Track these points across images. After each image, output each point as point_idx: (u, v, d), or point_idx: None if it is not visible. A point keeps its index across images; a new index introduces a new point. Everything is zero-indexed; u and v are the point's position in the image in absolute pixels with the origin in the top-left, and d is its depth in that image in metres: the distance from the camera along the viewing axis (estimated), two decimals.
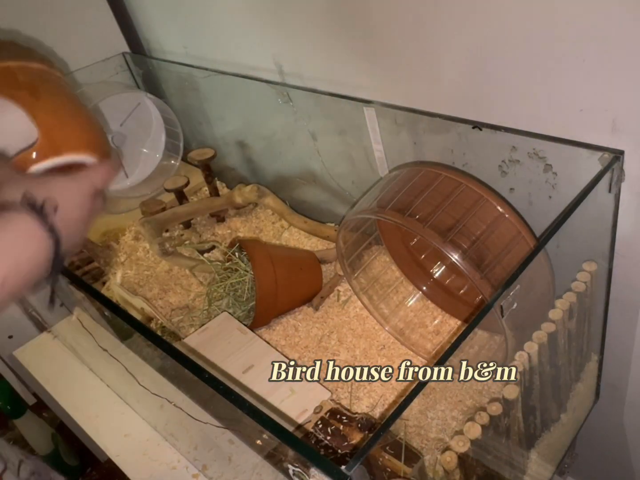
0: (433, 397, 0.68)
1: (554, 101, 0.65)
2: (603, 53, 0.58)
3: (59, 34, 1.15)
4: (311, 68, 0.92)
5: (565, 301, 0.66)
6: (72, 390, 0.92)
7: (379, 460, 0.55)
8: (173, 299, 0.96)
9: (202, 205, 1.10)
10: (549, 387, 0.70)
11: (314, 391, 0.72)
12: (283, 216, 1.08)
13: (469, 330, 0.48)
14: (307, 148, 1.01)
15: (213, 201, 1.11)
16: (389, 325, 0.83)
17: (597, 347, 0.81)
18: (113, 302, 0.62)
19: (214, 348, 0.79)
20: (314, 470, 0.43)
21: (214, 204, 1.10)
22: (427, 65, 0.74)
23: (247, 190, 1.08)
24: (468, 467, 0.57)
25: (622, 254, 0.70)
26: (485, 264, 0.61)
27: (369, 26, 0.77)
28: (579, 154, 0.64)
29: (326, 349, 0.82)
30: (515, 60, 0.65)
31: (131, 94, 1.19)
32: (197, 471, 0.76)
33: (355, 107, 0.84)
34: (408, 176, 0.68)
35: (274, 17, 0.91)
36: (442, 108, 0.76)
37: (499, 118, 0.71)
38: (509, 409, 0.60)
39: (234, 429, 0.65)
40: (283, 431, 0.43)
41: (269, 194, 1.09)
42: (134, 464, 0.79)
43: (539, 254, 0.56)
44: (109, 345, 0.81)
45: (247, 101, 1.08)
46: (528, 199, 0.73)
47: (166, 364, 0.66)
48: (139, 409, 0.86)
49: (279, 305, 0.86)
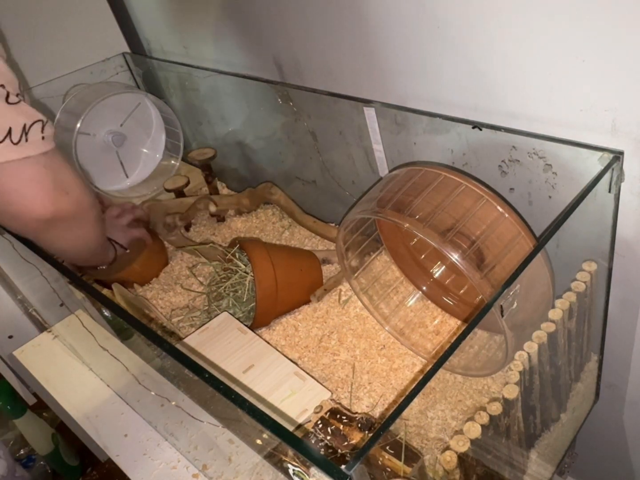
0: (433, 397, 0.68)
1: (554, 101, 0.65)
2: (603, 53, 0.58)
3: (59, 34, 1.15)
4: (311, 68, 0.92)
5: (565, 301, 0.66)
6: (72, 390, 0.92)
7: (379, 460, 0.55)
8: (173, 299, 0.96)
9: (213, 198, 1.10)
10: (549, 387, 0.70)
11: (314, 391, 0.72)
12: (293, 215, 1.08)
13: (469, 330, 0.48)
14: (307, 148, 1.02)
15: (221, 198, 1.11)
16: (389, 325, 0.83)
17: (597, 347, 0.81)
18: (113, 302, 0.62)
19: (214, 348, 0.79)
20: (314, 470, 0.43)
21: (221, 201, 1.10)
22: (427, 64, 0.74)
23: (260, 187, 1.09)
24: (468, 466, 0.57)
25: (622, 254, 0.70)
26: (485, 264, 0.61)
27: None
28: (579, 154, 0.64)
29: (326, 349, 0.83)
30: (515, 60, 0.65)
31: (131, 94, 1.19)
32: (197, 471, 0.76)
33: (355, 107, 0.84)
34: (408, 176, 0.68)
35: (274, 17, 0.91)
36: (442, 108, 0.76)
37: (499, 118, 0.71)
38: (509, 408, 0.60)
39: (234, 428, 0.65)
40: (283, 431, 0.43)
41: (281, 192, 1.09)
42: (134, 464, 0.79)
43: (539, 254, 0.56)
44: (109, 345, 0.81)
45: (247, 101, 1.08)
46: (528, 199, 0.73)
47: (166, 364, 0.66)
48: (139, 409, 0.86)
49: (279, 306, 0.86)
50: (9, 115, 0.58)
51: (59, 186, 0.65)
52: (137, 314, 0.92)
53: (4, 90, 0.58)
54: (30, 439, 1.22)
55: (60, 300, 0.93)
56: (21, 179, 0.61)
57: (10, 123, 0.58)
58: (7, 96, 0.58)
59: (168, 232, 1.05)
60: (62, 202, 0.66)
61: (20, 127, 0.59)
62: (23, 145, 0.59)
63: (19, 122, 0.59)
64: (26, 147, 0.60)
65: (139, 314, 0.92)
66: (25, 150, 0.60)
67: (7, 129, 0.58)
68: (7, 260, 0.98)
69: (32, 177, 0.61)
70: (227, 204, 1.11)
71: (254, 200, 1.11)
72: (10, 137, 0.58)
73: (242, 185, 1.18)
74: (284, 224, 1.10)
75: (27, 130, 0.59)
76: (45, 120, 0.62)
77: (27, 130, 0.59)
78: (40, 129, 0.61)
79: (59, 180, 0.65)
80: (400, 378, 0.77)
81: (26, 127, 0.59)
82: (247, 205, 1.11)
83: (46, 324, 1.05)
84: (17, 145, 0.59)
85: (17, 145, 0.59)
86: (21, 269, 0.90)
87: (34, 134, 0.60)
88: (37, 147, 0.61)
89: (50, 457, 1.26)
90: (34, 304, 1.08)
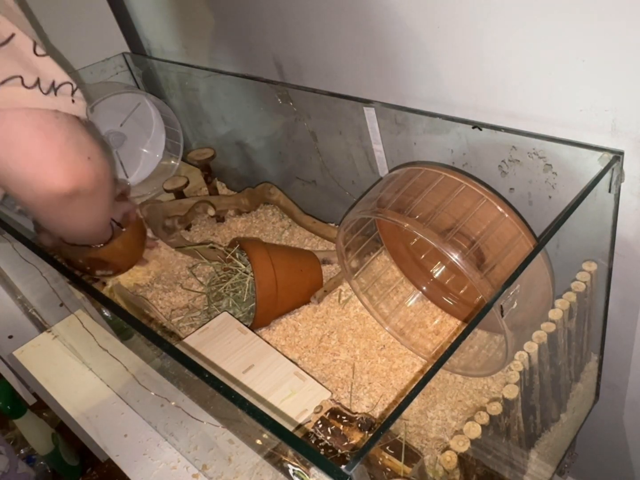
0: (433, 397, 0.68)
1: (554, 101, 0.65)
2: (603, 53, 0.58)
3: (59, 34, 1.15)
4: (311, 68, 0.92)
5: (565, 301, 0.66)
6: (72, 390, 0.92)
7: (379, 460, 0.55)
8: (173, 299, 0.96)
9: (211, 200, 1.10)
10: (549, 387, 0.70)
11: (314, 391, 0.72)
12: (292, 216, 1.08)
13: (469, 330, 0.48)
14: (307, 148, 1.02)
15: (220, 199, 1.11)
16: (389, 325, 0.83)
17: (597, 347, 0.81)
18: (113, 302, 0.62)
19: (214, 348, 0.79)
20: (314, 470, 0.43)
21: (221, 202, 1.10)
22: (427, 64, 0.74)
23: (259, 187, 1.09)
24: (468, 466, 0.57)
25: (622, 254, 0.70)
26: (485, 264, 0.61)
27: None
28: (579, 154, 0.64)
29: (326, 349, 0.83)
30: (515, 60, 0.65)
31: (131, 94, 1.19)
32: (197, 471, 0.76)
33: (355, 107, 0.84)
34: (408, 176, 0.68)
35: (274, 17, 0.91)
36: (442, 108, 0.76)
37: (499, 118, 0.71)
38: (509, 408, 0.60)
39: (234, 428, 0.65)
40: (283, 431, 0.43)
41: (280, 193, 1.09)
42: (133, 464, 0.79)
43: (539, 254, 0.56)
44: (109, 345, 0.81)
45: (247, 101, 1.08)
46: (528, 199, 0.73)
47: (166, 363, 0.66)
48: (138, 409, 0.86)
49: (279, 306, 0.86)
50: (37, 64, 0.52)
51: (84, 155, 0.57)
52: (137, 314, 0.92)
53: (31, 40, 0.52)
54: (30, 439, 1.22)
55: (60, 300, 0.93)
56: (51, 130, 0.53)
57: (38, 73, 0.52)
58: (35, 46, 0.52)
59: (167, 235, 1.05)
60: (85, 174, 0.57)
61: (49, 81, 0.53)
62: (53, 97, 0.53)
63: (47, 75, 0.53)
64: (56, 100, 0.53)
65: (139, 314, 0.92)
66: (55, 103, 0.53)
67: (36, 78, 0.52)
68: (7, 260, 0.98)
69: (65, 135, 0.54)
70: (227, 204, 1.11)
71: (253, 201, 1.11)
72: (40, 86, 0.52)
73: (242, 185, 1.18)
74: (284, 224, 1.10)
75: (56, 86, 0.53)
76: (75, 85, 0.56)
77: (57, 87, 0.53)
78: (70, 91, 0.55)
79: (86, 150, 0.57)
80: (400, 378, 0.77)
81: (55, 83, 0.53)
82: (246, 205, 1.11)
83: (46, 324, 1.05)
84: (47, 95, 0.52)
85: (47, 95, 0.52)
86: (21, 269, 0.90)
87: (63, 91, 0.54)
88: (68, 107, 0.54)
89: (50, 457, 1.26)
90: (34, 304, 1.08)
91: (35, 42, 0.53)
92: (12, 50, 0.51)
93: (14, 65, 0.50)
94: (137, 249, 0.94)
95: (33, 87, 0.51)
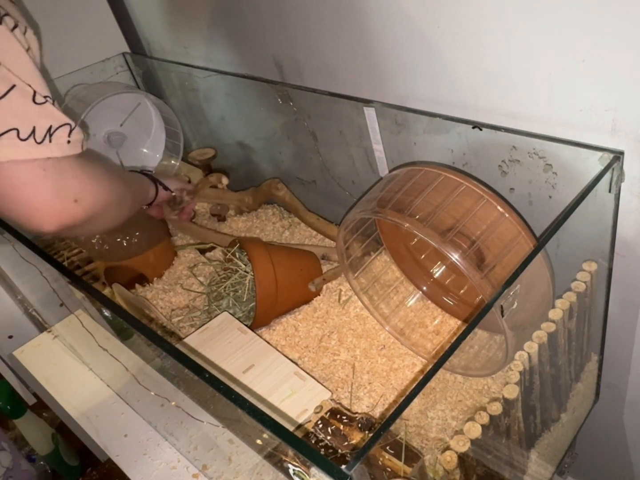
0: (433, 397, 0.68)
1: (554, 101, 0.65)
2: (603, 53, 0.58)
3: (59, 34, 1.15)
4: (311, 68, 0.92)
5: (565, 301, 0.66)
6: (72, 390, 0.92)
7: (379, 460, 0.55)
8: (173, 299, 0.96)
9: (213, 193, 1.11)
10: (549, 386, 0.70)
11: (314, 391, 0.72)
12: (297, 212, 1.08)
13: (469, 330, 0.48)
14: (307, 148, 1.02)
15: (225, 192, 1.11)
16: (389, 325, 0.83)
17: (597, 347, 0.81)
18: (113, 302, 0.62)
19: (214, 348, 0.79)
20: (314, 470, 0.43)
21: (225, 196, 1.10)
22: (427, 64, 0.74)
23: (265, 183, 1.10)
24: (468, 467, 0.57)
25: (622, 254, 0.70)
26: (485, 264, 0.61)
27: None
28: (579, 154, 0.64)
29: (326, 349, 0.82)
30: (515, 60, 0.65)
31: (131, 94, 1.19)
32: (197, 471, 0.76)
33: (355, 107, 0.84)
34: (408, 176, 0.68)
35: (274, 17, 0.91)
36: (442, 108, 0.76)
37: (499, 118, 0.71)
38: (509, 408, 0.60)
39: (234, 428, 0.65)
40: (283, 431, 0.43)
41: (286, 189, 1.09)
42: (133, 464, 0.79)
43: (539, 254, 0.56)
44: (109, 345, 0.82)
45: (247, 101, 1.08)
46: (528, 199, 0.73)
47: (166, 363, 0.66)
48: (138, 409, 0.86)
49: (279, 305, 0.86)
50: (34, 114, 0.56)
51: (70, 200, 0.62)
52: (137, 314, 0.92)
53: (31, 89, 0.56)
54: (30, 439, 1.22)
55: (60, 300, 0.93)
56: (38, 184, 0.58)
57: (34, 122, 0.56)
58: (34, 95, 0.56)
59: (171, 209, 1.04)
60: (70, 217, 0.62)
61: (45, 128, 0.57)
62: (46, 145, 0.57)
63: (42, 123, 0.57)
64: (49, 147, 0.57)
65: (139, 314, 0.92)
66: (47, 151, 0.57)
67: (32, 128, 0.56)
68: (7, 260, 0.98)
69: (51, 185, 0.59)
70: (230, 199, 1.11)
71: (257, 198, 1.11)
72: (34, 136, 0.56)
73: (242, 185, 1.18)
74: (284, 223, 1.10)
75: (52, 131, 0.57)
76: (73, 125, 0.60)
77: (53, 131, 0.57)
78: (67, 132, 0.59)
79: (73, 192, 0.62)
80: (401, 378, 0.77)
81: (52, 128, 0.57)
82: (249, 203, 1.11)
83: (46, 324, 1.05)
84: (40, 144, 0.56)
85: (41, 144, 0.56)
86: (21, 269, 0.90)
87: (58, 135, 0.58)
88: (62, 150, 0.59)
89: (50, 457, 1.26)
90: (34, 304, 1.08)
91: (35, 91, 0.56)
92: (10, 103, 0.54)
93: (10, 118, 0.54)
94: (165, 263, 1.04)
95: (28, 139, 0.56)
